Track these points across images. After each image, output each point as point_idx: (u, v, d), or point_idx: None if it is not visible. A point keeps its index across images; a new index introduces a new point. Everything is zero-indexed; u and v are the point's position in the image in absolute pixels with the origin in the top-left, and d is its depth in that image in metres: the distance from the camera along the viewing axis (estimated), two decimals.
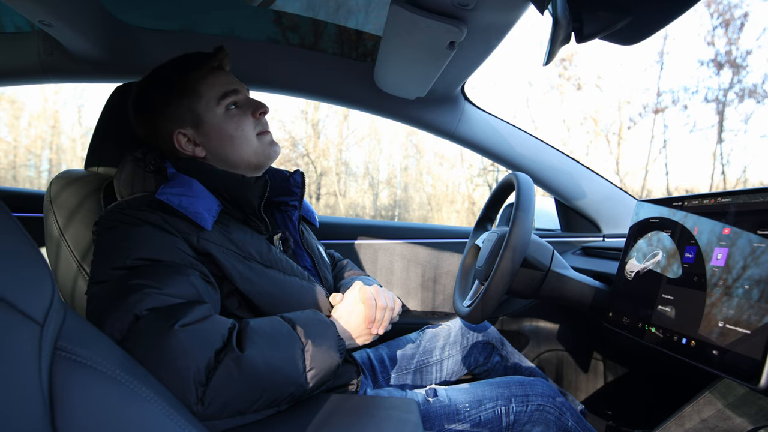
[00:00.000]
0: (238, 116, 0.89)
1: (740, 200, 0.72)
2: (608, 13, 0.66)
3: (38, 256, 0.43)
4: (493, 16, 0.90)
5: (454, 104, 1.48)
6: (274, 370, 0.67)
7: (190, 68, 0.89)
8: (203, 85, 0.88)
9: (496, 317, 1.62)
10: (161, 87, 0.89)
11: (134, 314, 0.63)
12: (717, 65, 7.39)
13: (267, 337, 0.70)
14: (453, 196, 8.83)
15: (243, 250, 0.82)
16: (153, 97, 0.89)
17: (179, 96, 0.88)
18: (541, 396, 0.99)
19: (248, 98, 0.93)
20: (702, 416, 0.81)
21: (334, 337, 0.76)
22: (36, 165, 7.95)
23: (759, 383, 0.58)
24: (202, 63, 0.89)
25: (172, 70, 0.90)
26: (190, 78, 0.88)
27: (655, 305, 0.81)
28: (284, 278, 0.86)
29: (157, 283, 0.68)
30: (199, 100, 0.88)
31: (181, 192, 0.80)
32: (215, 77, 0.90)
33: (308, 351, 0.71)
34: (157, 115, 0.89)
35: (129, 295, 0.65)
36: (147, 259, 0.71)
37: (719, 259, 0.71)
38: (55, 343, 0.41)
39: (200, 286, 0.73)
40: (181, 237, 0.76)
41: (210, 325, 0.67)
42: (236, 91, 0.90)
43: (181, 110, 0.88)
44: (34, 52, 1.31)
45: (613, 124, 8.20)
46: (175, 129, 0.88)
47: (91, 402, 0.42)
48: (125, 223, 0.75)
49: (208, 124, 0.88)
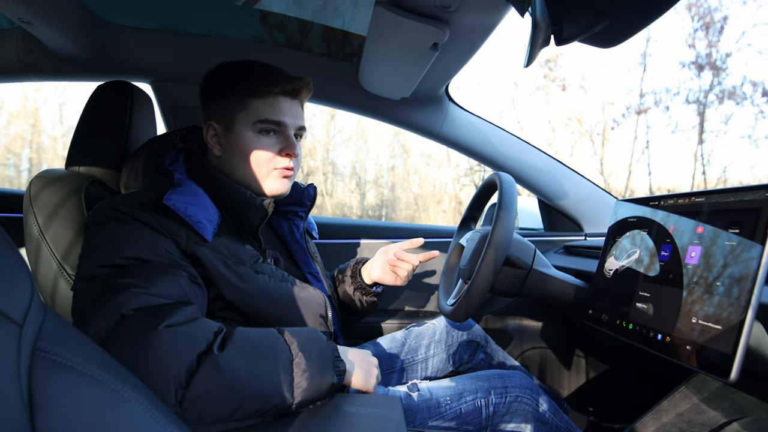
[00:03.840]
0: (265, 144, 0.90)
1: (713, 200, 0.74)
2: (586, 16, 0.68)
3: (17, 257, 0.43)
4: (475, 17, 0.91)
5: (439, 105, 1.49)
6: (256, 377, 0.64)
7: (258, 78, 0.89)
8: (254, 101, 0.89)
9: (480, 315, 1.63)
10: (226, 77, 0.91)
11: (121, 313, 0.63)
12: (698, 67, 7.54)
13: (253, 344, 0.68)
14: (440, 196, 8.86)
15: (233, 255, 0.83)
16: (216, 81, 0.93)
17: (230, 94, 0.90)
18: (519, 388, 1.01)
19: (288, 135, 0.92)
20: (678, 410, 0.83)
21: (330, 356, 0.73)
22: (16, 164, 7.80)
23: (730, 377, 0.60)
24: (273, 81, 0.89)
25: (245, 69, 0.91)
26: (251, 86, 0.89)
27: (633, 302, 0.83)
28: (274, 283, 0.86)
29: (144, 282, 0.67)
30: (242, 109, 0.89)
31: (187, 200, 0.81)
32: (272, 100, 0.90)
33: (299, 364, 0.68)
34: (206, 100, 0.94)
35: (116, 294, 0.65)
36: (135, 259, 0.71)
37: (693, 257, 0.73)
38: (35, 343, 0.41)
39: (187, 287, 0.73)
40: (170, 238, 0.76)
41: (196, 327, 0.66)
42: (279, 124, 0.90)
43: (223, 107, 0.90)
44: (13, 49, 1.28)
45: (597, 125, 8.31)
46: (210, 119, 0.92)
47: (71, 403, 0.42)
48: (116, 220, 0.75)
49: (236, 134, 0.90)
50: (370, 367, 0.80)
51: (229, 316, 0.81)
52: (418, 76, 1.18)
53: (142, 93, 1.09)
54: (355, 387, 0.78)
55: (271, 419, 0.66)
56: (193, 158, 0.92)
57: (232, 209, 0.87)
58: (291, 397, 0.66)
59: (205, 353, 0.63)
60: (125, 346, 0.60)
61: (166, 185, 0.85)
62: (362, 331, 1.53)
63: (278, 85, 0.89)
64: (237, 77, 0.90)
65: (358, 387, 0.78)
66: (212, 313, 0.80)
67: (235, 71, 0.91)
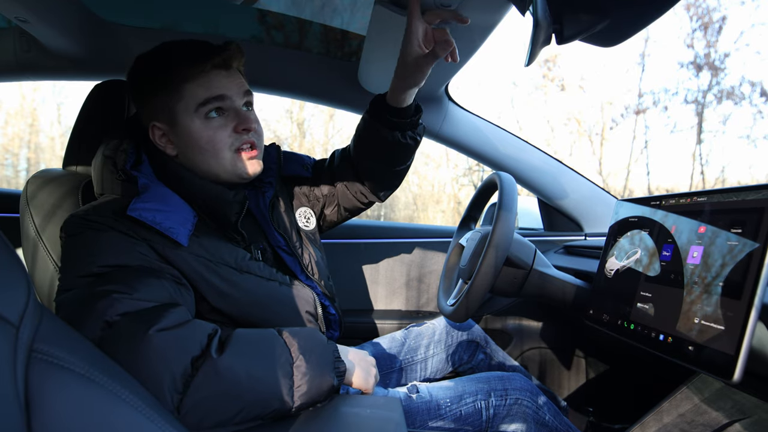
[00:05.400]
0: (215, 128, 0.82)
1: (715, 199, 0.73)
2: (588, 15, 0.67)
3: (14, 257, 0.42)
4: (475, 17, 0.91)
5: (438, 104, 1.48)
6: (256, 381, 0.63)
7: (182, 62, 0.81)
8: (187, 85, 0.80)
9: (480, 316, 1.63)
10: (150, 72, 0.83)
11: (105, 321, 0.61)
12: (696, 67, 7.55)
13: (252, 347, 0.66)
14: (439, 196, 8.86)
15: (215, 256, 0.79)
16: (141, 80, 0.85)
17: (160, 89, 0.82)
18: (519, 390, 1.01)
19: (236, 108, 0.84)
20: (679, 411, 0.83)
21: (331, 357, 0.71)
22: (14, 164, 7.78)
23: (733, 377, 0.59)
24: (198, 59, 0.81)
25: (166, 57, 0.82)
26: (177, 74, 0.80)
27: (634, 302, 0.83)
28: (260, 282, 0.83)
29: (126, 287, 0.65)
30: (179, 99, 0.81)
31: (155, 207, 0.76)
32: (206, 78, 0.81)
33: (299, 367, 0.66)
34: (139, 101, 0.86)
35: (97, 302, 0.63)
36: (115, 266, 0.69)
37: (695, 257, 0.72)
38: (31, 345, 0.40)
39: (173, 288, 0.71)
40: (146, 243, 0.73)
41: (188, 330, 0.64)
42: (222, 98, 0.82)
43: (160, 104, 0.82)
44: (10, 48, 1.28)
45: (596, 125, 8.32)
46: (151, 120, 0.84)
47: (68, 404, 0.41)
48: (90, 229, 0.72)
49: (182, 127, 0.82)
50: (369, 367, 0.79)
51: (216, 318, 0.79)
52: None
53: None
54: (355, 387, 0.77)
55: (271, 422, 0.66)
56: (156, 157, 0.85)
57: (205, 207, 0.83)
58: (291, 400, 0.65)
59: (201, 357, 0.62)
60: (116, 354, 0.58)
61: (132, 190, 0.79)
62: (361, 331, 1.53)
63: (206, 61, 0.81)
64: (161, 68, 0.82)
65: (358, 387, 0.77)
66: (201, 315, 0.78)
67: (156, 62, 0.83)
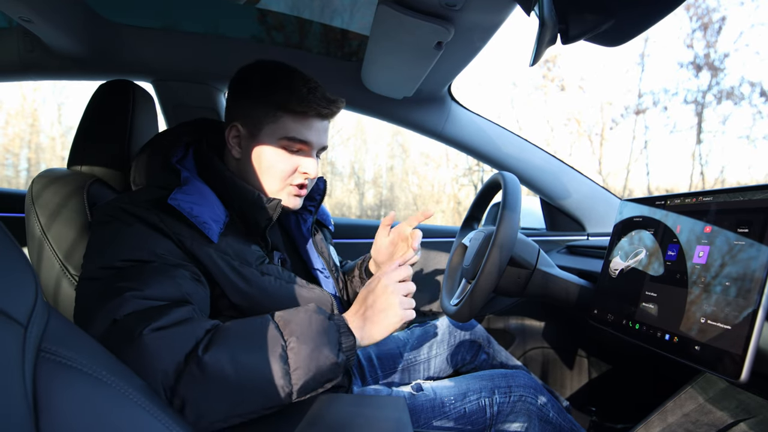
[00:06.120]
0: (284, 160, 0.87)
1: (721, 199, 0.73)
2: (592, 15, 0.67)
3: (21, 257, 0.42)
4: (480, 16, 0.91)
5: (441, 104, 1.48)
6: (246, 370, 0.61)
7: (294, 94, 0.84)
8: (286, 116, 0.85)
9: (483, 315, 1.63)
10: (262, 82, 0.86)
11: (113, 318, 0.62)
12: (696, 68, 7.54)
13: (239, 337, 0.65)
14: (438, 196, 8.86)
15: (240, 256, 0.81)
16: (250, 82, 0.88)
17: (262, 102, 0.85)
18: (523, 387, 1.01)
19: (311, 155, 0.89)
20: (684, 410, 0.83)
21: (333, 332, 0.68)
22: (14, 164, 7.77)
23: (740, 377, 0.59)
24: (311, 102, 0.84)
25: (284, 80, 0.86)
26: (287, 102, 0.84)
27: (639, 302, 0.82)
28: (280, 284, 0.84)
29: (140, 285, 0.66)
30: (272, 122, 0.85)
31: (193, 200, 0.79)
32: (304, 121, 0.86)
33: (293, 349, 0.64)
34: (235, 97, 0.89)
35: (111, 299, 0.64)
36: (134, 261, 0.70)
37: (701, 256, 0.72)
38: (39, 344, 0.40)
39: (187, 285, 0.72)
40: (174, 239, 0.75)
41: (186, 327, 0.64)
42: (306, 143, 0.87)
43: (252, 112, 0.86)
44: (14, 48, 1.28)
45: (595, 125, 8.31)
46: (236, 120, 0.88)
47: (75, 404, 0.41)
48: (119, 220, 0.74)
49: (259, 143, 0.86)
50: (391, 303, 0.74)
51: (234, 315, 0.80)
52: (422, 75, 1.17)
53: (144, 92, 1.08)
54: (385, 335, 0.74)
55: (276, 421, 0.66)
56: (202, 155, 0.89)
57: (239, 209, 0.86)
58: (288, 384, 0.63)
59: (191, 353, 0.62)
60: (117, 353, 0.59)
61: (174, 182, 0.83)
62: None
63: (315, 108, 0.85)
64: (273, 86, 0.85)
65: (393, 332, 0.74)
66: (219, 312, 0.79)
67: (272, 77, 0.86)
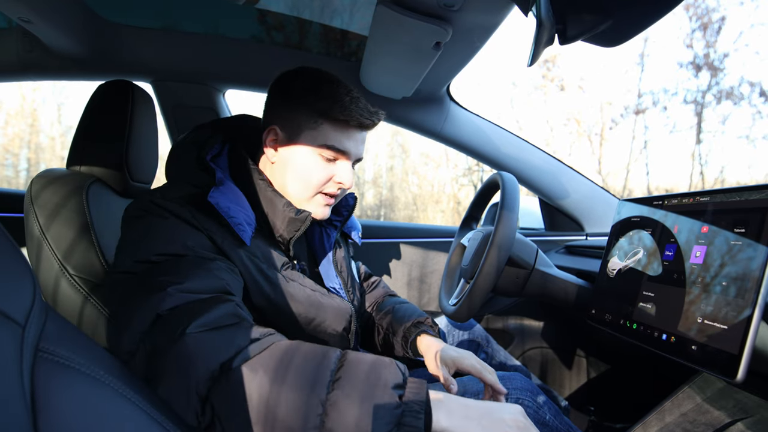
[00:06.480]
0: (320, 168, 0.86)
1: (718, 199, 0.74)
2: (590, 15, 0.67)
3: (20, 257, 0.42)
4: (478, 17, 0.91)
5: (440, 104, 1.49)
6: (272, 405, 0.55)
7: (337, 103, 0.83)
8: (327, 124, 0.84)
9: (482, 315, 1.63)
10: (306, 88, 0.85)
11: (157, 314, 0.61)
12: (695, 68, 7.54)
13: (282, 365, 0.58)
14: (438, 196, 8.85)
15: (267, 259, 0.81)
16: (293, 88, 0.86)
17: (304, 108, 0.84)
18: (519, 390, 1.01)
19: (347, 166, 0.87)
20: (682, 410, 0.83)
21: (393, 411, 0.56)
22: (14, 164, 7.77)
23: (736, 377, 0.60)
24: (353, 112, 0.83)
25: (328, 88, 0.84)
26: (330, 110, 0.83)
27: (637, 302, 0.83)
28: (304, 290, 0.84)
29: (179, 278, 0.65)
30: (312, 129, 0.84)
31: (230, 200, 0.78)
32: (345, 131, 0.85)
33: (332, 404, 0.55)
34: (276, 102, 0.88)
35: (152, 294, 0.63)
36: (169, 255, 0.70)
37: (698, 256, 0.72)
38: (37, 344, 0.40)
39: (227, 276, 0.71)
40: (206, 234, 0.74)
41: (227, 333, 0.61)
42: (344, 153, 0.86)
43: (293, 117, 0.85)
44: (13, 48, 1.28)
45: (595, 125, 8.31)
46: (274, 123, 0.86)
47: (74, 404, 0.41)
48: (152, 214, 0.74)
49: (296, 148, 0.85)
50: None
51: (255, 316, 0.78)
52: (420, 75, 1.18)
53: (144, 92, 1.08)
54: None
55: None
56: (237, 155, 0.88)
57: (267, 216, 0.85)
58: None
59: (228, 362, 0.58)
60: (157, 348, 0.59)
61: (205, 180, 0.82)
62: None
63: (357, 118, 0.84)
64: (316, 93, 0.84)
65: None
66: None
67: (315, 84, 0.85)
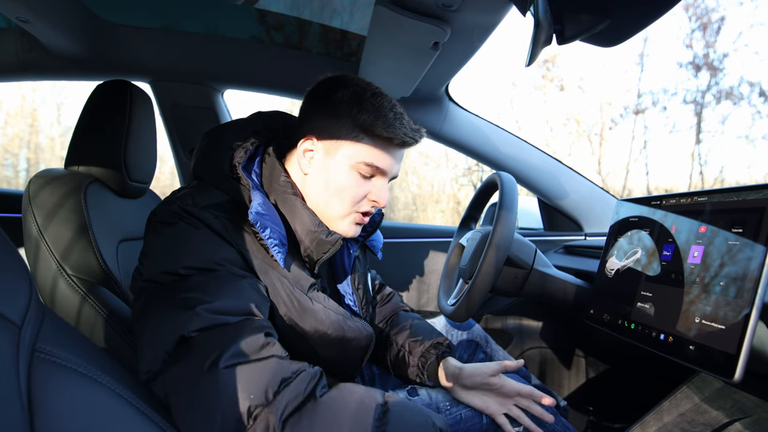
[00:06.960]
0: (355, 185, 0.82)
1: (716, 199, 0.74)
2: (588, 15, 0.67)
3: (16, 257, 0.42)
4: (476, 17, 0.91)
5: (439, 104, 1.49)
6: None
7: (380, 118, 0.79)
8: (367, 140, 0.80)
9: (481, 315, 1.63)
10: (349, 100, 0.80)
11: (182, 335, 0.60)
12: (695, 68, 7.53)
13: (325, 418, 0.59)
14: (438, 196, 8.84)
15: (296, 280, 0.78)
16: (335, 98, 0.81)
17: (345, 121, 0.80)
18: None
19: (383, 183, 0.84)
20: (680, 410, 0.83)
21: None
22: (13, 164, 7.76)
23: (734, 377, 0.60)
24: (397, 131, 0.79)
25: (372, 102, 0.80)
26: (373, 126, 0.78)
27: (635, 302, 0.83)
28: (326, 315, 0.81)
29: (208, 296, 0.63)
30: (352, 143, 0.80)
31: (269, 219, 0.75)
32: (385, 148, 0.81)
33: None
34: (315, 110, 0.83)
35: (180, 312, 0.61)
36: (198, 269, 0.67)
37: (696, 256, 0.72)
38: (34, 344, 0.40)
39: (256, 297, 0.69)
40: (236, 249, 0.72)
41: (260, 369, 0.60)
42: (381, 171, 0.82)
43: (333, 129, 0.80)
44: (12, 49, 1.28)
45: (595, 125, 8.29)
46: (312, 134, 0.82)
47: (70, 404, 0.41)
48: (185, 223, 0.71)
49: (334, 163, 0.81)
50: None
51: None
52: (419, 75, 1.18)
53: (142, 92, 1.08)
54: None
55: None
56: (271, 165, 0.83)
57: (297, 234, 0.81)
58: None
59: (261, 406, 0.58)
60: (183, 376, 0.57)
61: (237, 188, 0.77)
62: None
63: (400, 137, 0.80)
64: (360, 106, 0.79)
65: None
66: None
67: (359, 97, 0.80)
